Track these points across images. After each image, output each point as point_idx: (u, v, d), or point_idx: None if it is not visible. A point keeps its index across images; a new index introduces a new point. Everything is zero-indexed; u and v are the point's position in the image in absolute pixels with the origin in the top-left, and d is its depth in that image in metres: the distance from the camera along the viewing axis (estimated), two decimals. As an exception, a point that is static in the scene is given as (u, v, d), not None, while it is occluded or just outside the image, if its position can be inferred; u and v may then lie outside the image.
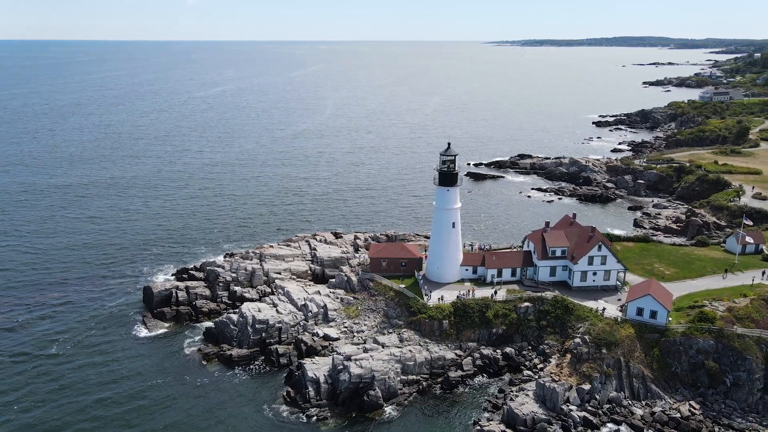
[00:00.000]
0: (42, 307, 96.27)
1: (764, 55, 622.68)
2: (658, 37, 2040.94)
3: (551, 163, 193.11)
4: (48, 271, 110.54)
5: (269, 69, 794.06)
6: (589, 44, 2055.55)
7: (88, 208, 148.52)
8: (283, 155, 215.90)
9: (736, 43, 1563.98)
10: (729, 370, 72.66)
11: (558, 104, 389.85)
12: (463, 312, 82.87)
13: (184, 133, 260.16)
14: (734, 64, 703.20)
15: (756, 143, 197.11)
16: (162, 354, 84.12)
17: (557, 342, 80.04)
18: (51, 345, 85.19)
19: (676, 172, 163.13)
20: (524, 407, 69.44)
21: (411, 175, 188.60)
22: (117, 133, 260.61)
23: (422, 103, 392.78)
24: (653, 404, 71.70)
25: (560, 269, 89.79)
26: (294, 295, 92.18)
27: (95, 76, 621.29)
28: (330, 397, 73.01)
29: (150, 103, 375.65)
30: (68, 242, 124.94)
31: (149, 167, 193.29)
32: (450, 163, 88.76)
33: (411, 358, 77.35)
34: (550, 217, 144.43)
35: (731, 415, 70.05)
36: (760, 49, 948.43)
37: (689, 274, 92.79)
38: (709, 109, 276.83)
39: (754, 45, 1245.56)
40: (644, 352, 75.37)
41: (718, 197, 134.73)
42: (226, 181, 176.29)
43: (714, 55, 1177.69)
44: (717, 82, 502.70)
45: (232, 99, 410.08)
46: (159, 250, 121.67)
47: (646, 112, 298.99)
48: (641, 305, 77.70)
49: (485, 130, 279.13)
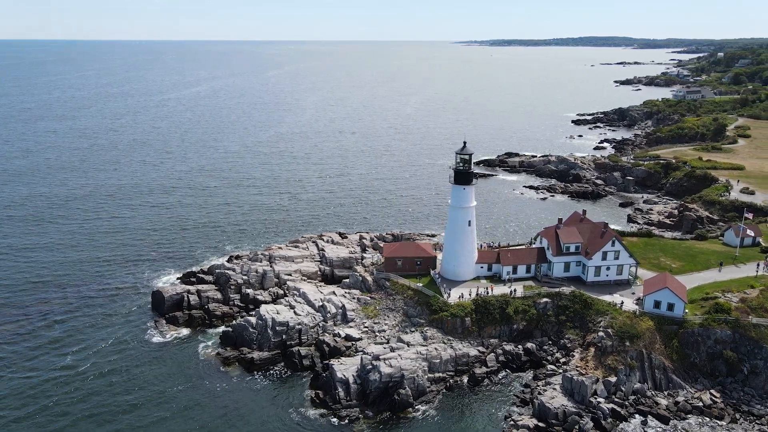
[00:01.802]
0: (48, 319, 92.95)
1: (727, 55, 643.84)
2: (622, 37, 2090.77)
3: (539, 161, 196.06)
4: (44, 283, 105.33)
5: (242, 69, 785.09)
6: (555, 44, 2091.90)
7: (75, 216, 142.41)
8: (270, 157, 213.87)
9: (696, 43, 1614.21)
10: (746, 359, 75.15)
11: (536, 103, 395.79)
12: (484, 309, 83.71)
13: (165, 136, 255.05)
14: (698, 64, 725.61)
15: (734, 140, 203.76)
16: (180, 359, 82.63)
17: (578, 336, 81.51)
18: (65, 356, 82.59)
19: (663, 168, 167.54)
20: (554, 401, 70.52)
21: (402, 175, 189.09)
22: (94, 135, 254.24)
23: (402, 103, 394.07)
24: (675, 394, 73.65)
25: (574, 265, 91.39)
26: (310, 296, 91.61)
27: (63, 77, 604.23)
28: (359, 397, 72.84)
29: (123, 105, 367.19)
30: (60, 252, 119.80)
31: (133, 172, 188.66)
32: (466, 162, 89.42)
33: (437, 356, 77.75)
34: (546, 213, 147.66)
35: (750, 402, 72.46)
36: (719, 48, 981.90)
37: (695, 267, 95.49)
38: (684, 107, 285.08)
39: (713, 45, 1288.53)
40: (664, 343, 77.35)
41: (710, 192, 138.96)
42: (216, 184, 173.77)
43: (676, 54, 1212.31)
44: (684, 81, 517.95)
45: (209, 100, 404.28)
46: (156, 255, 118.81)
47: (623, 111, 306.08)
48: (659, 298, 79.68)
49: (468, 130, 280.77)
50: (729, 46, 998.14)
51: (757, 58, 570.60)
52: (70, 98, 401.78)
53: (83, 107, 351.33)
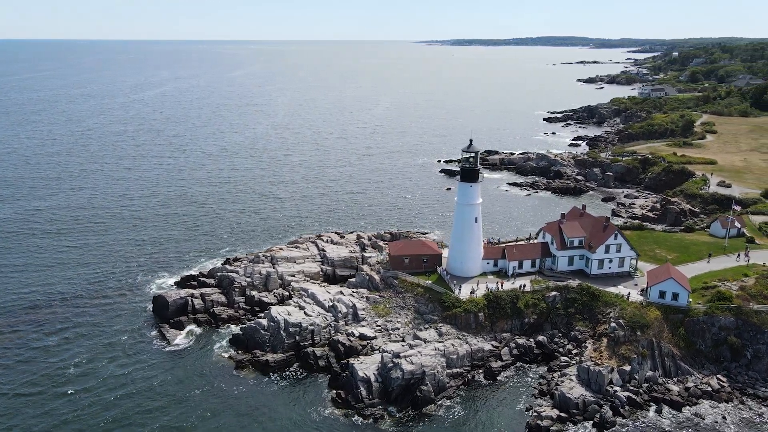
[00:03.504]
0: (49, 331, 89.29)
1: (682, 54, 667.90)
2: (579, 37, 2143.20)
3: (520, 159, 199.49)
4: (34, 301, 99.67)
5: (205, 70, 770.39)
6: (515, 44, 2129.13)
7: (49, 230, 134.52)
8: (248, 159, 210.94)
9: (649, 42, 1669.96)
10: (749, 344, 78.48)
11: (506, 102, 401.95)
12: (496, 304, 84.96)
13: (135, 139, 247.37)
14: (654, 63, 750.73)
15: (703, 135, 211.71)
16: (192, 364, 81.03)
17: (587, 328, 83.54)
18: (71, 367, 79.93)
19: (641, 163, 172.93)
20: (573, 391, 72.21)
21: (385, 175, 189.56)
22: (62, 137, 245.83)
23: (373, 103, 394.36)
24: (685, 380, 76.33)
25: (577, 258, 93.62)
26: (319, 296, 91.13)
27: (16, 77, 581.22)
28: (381, 395, 72.97)
29: (85, 107, 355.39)
30: (42, 269, 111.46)
31: (107, 177, 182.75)
32: (472, 159, 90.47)
33: (454, 351, 78.52)
34: (532, 209, 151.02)
35: (755, 385, 75.74)
36: (671, 48, 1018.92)
37: (689, 258, 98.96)
38: (650, 105, 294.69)
39: (665, 45, 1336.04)
40: (671, 332, 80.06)
41: (690, 186, 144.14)
42: (197, 187, 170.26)
43: (631, 54, 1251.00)
44: (644, 79, 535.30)
45: (176, 101, 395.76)
46: (145, 261, 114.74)
47: (592, 108, 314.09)
48: (664, 288, 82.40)
49: (442, 129, 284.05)
50: (680, 46, 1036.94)
51: (711, 57, 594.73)
52: (28, 100, 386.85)
53: (42, 110, 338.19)
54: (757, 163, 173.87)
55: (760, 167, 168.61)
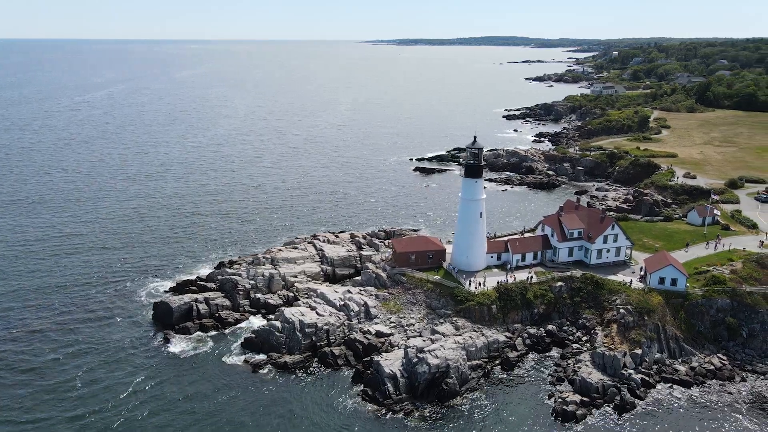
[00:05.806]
0: (48, 341, 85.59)
1: (622, 54, 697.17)
2: (520, 37, 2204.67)
3: (490, 155, 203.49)
4: (23, 304, 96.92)
5: (152, 70, 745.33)
6: (459, 43, 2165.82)
7: (25, 231, 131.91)
8: (217, 162, 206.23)
9: (587, 42, 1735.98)
10: (744, 324, 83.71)
11: (464, 100, 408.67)
12: (507, 296, 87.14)
13: (89, 143, 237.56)
14: (594, 62, 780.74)
15: (658, 130, 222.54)
16: (207, 370, 79.17)
17: (594, 315, 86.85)
18: (78, 379, 76.72)
19: (609, 158, 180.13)
20: (592, 376, 75.08)
21: (362, 174, 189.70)
22: (6, 144, 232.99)
23: (334, 103, 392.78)
24: (689, 360, 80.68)
25: (577, 249, 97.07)
26: (329, 296, 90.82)
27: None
28: (408, 390, 73.65)
29: (27, 110, 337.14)
30: (29, 279, 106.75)
31: (69, 181, 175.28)
32: (476, 156, 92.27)
33: (472, 344, 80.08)
34: (510, 204, 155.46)
35: (752, 362, 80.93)
36: (607, 47, 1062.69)
37: (675, 246, 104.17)
38: (603, 102, 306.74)
39: (602, 44, 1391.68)
40: (673, 315, 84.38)
41: (660, 178, 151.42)
42: (169, 192, 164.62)
43: (571, 53, 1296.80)
44: (589, 77, 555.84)
45: (126, 103, 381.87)
46: (131, 268, 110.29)
47: (548, 106, 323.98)
48: (663, 275, 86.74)
49: (407, 128, 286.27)
50: (616, 46, 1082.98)
51: (648, 57, 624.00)
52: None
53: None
54: (713, 155, 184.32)
55: (716, 159, 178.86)
